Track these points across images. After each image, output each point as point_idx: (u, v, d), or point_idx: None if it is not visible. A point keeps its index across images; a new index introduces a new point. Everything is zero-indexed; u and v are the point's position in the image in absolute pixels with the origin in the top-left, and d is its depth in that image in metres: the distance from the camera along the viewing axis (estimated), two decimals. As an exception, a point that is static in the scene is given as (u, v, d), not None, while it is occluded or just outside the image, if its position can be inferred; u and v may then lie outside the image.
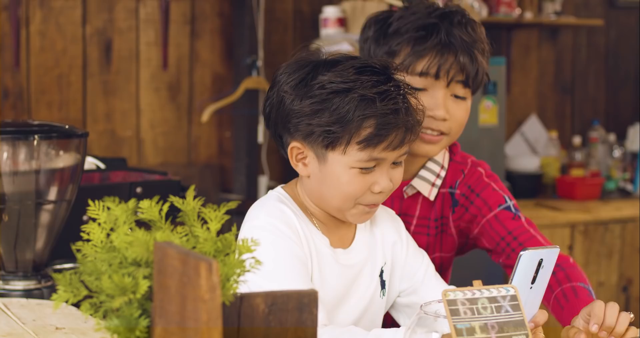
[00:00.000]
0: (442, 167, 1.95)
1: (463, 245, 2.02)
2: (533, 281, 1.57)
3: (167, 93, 3.96)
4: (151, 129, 3.94)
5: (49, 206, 1.87)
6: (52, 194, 1.87)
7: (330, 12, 3.99)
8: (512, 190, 2.74)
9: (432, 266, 1.79)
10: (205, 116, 3.87)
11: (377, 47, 1.90)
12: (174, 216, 1.13)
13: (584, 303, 1.72)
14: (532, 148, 4.69)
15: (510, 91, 4.67)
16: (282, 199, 1.67)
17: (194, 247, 1.03)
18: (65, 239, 1.92)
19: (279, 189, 1.72)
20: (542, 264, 1.54)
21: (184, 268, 0.91)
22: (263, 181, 4.01)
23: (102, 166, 2.43)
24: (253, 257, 1.04)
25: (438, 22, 1.86)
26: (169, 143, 3.98)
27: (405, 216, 1.94)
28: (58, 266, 1.96)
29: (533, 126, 4.71)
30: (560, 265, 1.86)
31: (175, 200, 1.10)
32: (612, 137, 4.76)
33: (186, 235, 1.06)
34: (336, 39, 3.87)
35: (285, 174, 4.13)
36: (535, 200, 4.30)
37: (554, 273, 1.83)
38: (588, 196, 4.38)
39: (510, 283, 1.62)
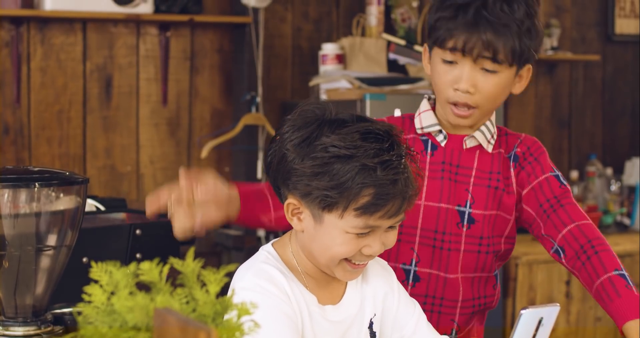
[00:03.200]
0: (495, 131, 2.05)
1: (518, 217, 2.08)
2: (533, 338, 1.59)
3: (167, 129, 3.99)
4: (151, 165, 3.97)
5: (49, 252, 1.88)
6: (52, 239, 1.88)
7: (329, 48, 4.02)
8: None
9: (423, 316, 1.79)
10: (205, 152, 3.89)
11: (429, 15, 2.01)
12: (174, 276, 1.15)
13: (628, 299, 1.83)
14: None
15: (507, 125, 4.70)
16: (268, 259, 1.68)
17: (194, 309, 1.05)
18: (65, 282, 1.94)
19: (268, 247, 1.72)
20: (542, 322, 1.56)
21: (183, 336, 0.93)
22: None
23: (101, 207, 2.45)
24: (252, 320, 1.05)
25: (474, 1, 1.93)
26: (168, 178, 3.99)
27: (463, 168, 2.02)
28: (58, 311, 1.97)
29: (530, 160, 4.73)
30: (592, 243, 1.93)
31: (175, 262, 1.11)
32: (609, 171, 4.78)
33: (186, 296, 1.08)
34: (334, 75, 3.90)
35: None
36: (533, 235, 4.31)
37: (589, 258, 1.92)
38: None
39: (511, 340, 1.63)
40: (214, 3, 4.05)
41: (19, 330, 1.86)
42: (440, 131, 2.03)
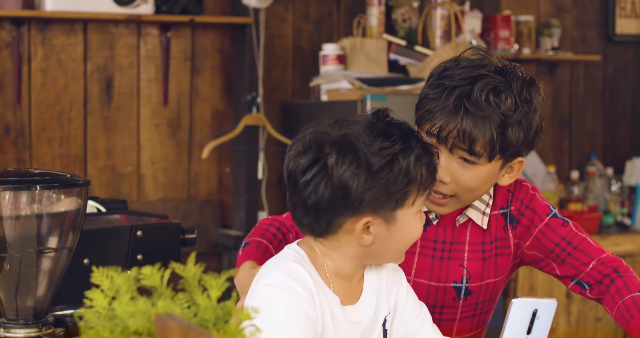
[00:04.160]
0: (490, 195, 1.97)
1: (514, 265, 2.05)
2: (529, 332, 1.59)
3: (168, 129, 3.99)
4: (151, 165, 3.97)
5: (51, 254, 1.88)
6: (54, 241, 1.88)
7: (329, 49, 4.03)
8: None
9: (429, 317, 1.80)
10: (205, 152, 3.89)
11: (423, 86, 1.91)
12: (175, 281, 1.15)
13: None
14: (530, 182, 4.70)
15: (508, 125, 4.69)
16: (298, 259, 1.68)
17: (195, 314, 1.05)
18: (66, 284, 1.94)
19: (294, 246, 1.71)
20: (537, 315, 1.56)
21: (185, 342, 0.93)
22: (263, 216, 4.03)
23: (102, 209, 2.45)
24: (253, 324, 1.05)
25: (462, 85, 1.82)
26: (169, 178, 4.00)
27: (457, 244, 1.97)
28: (59, 313, 1.97)
29: (531, 161, 4.73)
30: (617, 271, 1.93)
31: (176, 267, 1.11)
32: (609, 171, 4.78)
33: (187, 301, 1.08)
34: (335, 76, 3.90)
35: (284, 211, 4.15)
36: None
37: (612, 281, 1.91)
38: (586, 231, 4.39)
39: (503, 330, 1.64)
40: (214, 3, 4.05)
41: (20, 332, 1.87)
42: (430, 211, 1.95)
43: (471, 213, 1.96)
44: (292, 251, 1.70)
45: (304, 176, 1.62)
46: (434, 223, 1.97)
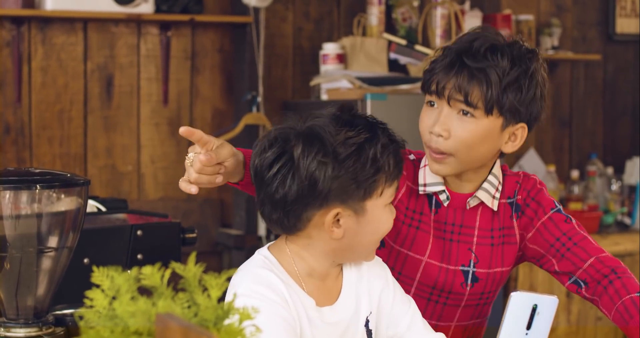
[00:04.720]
0: (499, 182, 2.00)
1: (518, 257, 2.07)
2: (529, 328, 1.60)
3: (168, 128, 3.99)
4: (151, 164, 3.97)
5: (51, 253, 1.88)
6: (54, 241, 1.88)
7: (329, 48, 4.03)
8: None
9: (418, 313, 1.79)
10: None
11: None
12: (175, 281, 1.15)
13: None
14: (531, 182, 4.70)
15: (508, 124, 4.69)
16: (266, 265, 1.66)
17: (195, 314, 1.05)
18: (67, 283, 1.95)
19: (264, 251, 1.70)
20: (537, 310, 1.57)
21: (185, 342, 0.93)
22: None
23: (103, 208, 2.45)
24: (254, 325, 1.05)
25: (462, 44, 1.91)
26: (169, 177, 4.00)
27: (466, 228, 1.99)
28: (59, 312, 1.97)
29: (531, 160, 4.73)
30: (615, 271, 1.93)
31: (177, 267, 1.11)
32: (610, 170, 4.78)
33: (187, 301, 1.08)
34: (335, 75, 3.90)
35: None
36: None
37: (611, 282, 1.92)
38: (586, 230, 4.39)
39: (502, 322, 1.65)
40: (214, 3, 4.05)
41: (21, 332, 1.87)
42: (443, 191, 1.98)
43: (481, 195, 1.98)
44: (261, 257, 1.69)
45: (270, 170, 1.61)
46: (445, 204, 1.99)
